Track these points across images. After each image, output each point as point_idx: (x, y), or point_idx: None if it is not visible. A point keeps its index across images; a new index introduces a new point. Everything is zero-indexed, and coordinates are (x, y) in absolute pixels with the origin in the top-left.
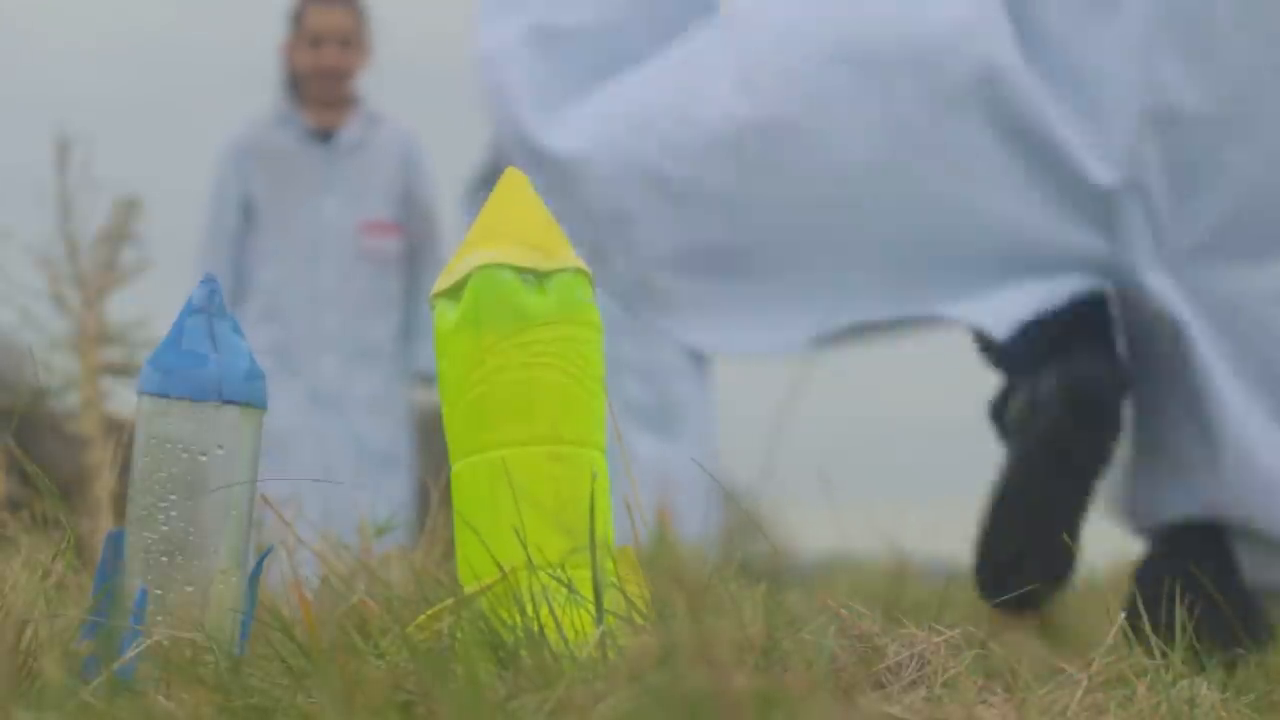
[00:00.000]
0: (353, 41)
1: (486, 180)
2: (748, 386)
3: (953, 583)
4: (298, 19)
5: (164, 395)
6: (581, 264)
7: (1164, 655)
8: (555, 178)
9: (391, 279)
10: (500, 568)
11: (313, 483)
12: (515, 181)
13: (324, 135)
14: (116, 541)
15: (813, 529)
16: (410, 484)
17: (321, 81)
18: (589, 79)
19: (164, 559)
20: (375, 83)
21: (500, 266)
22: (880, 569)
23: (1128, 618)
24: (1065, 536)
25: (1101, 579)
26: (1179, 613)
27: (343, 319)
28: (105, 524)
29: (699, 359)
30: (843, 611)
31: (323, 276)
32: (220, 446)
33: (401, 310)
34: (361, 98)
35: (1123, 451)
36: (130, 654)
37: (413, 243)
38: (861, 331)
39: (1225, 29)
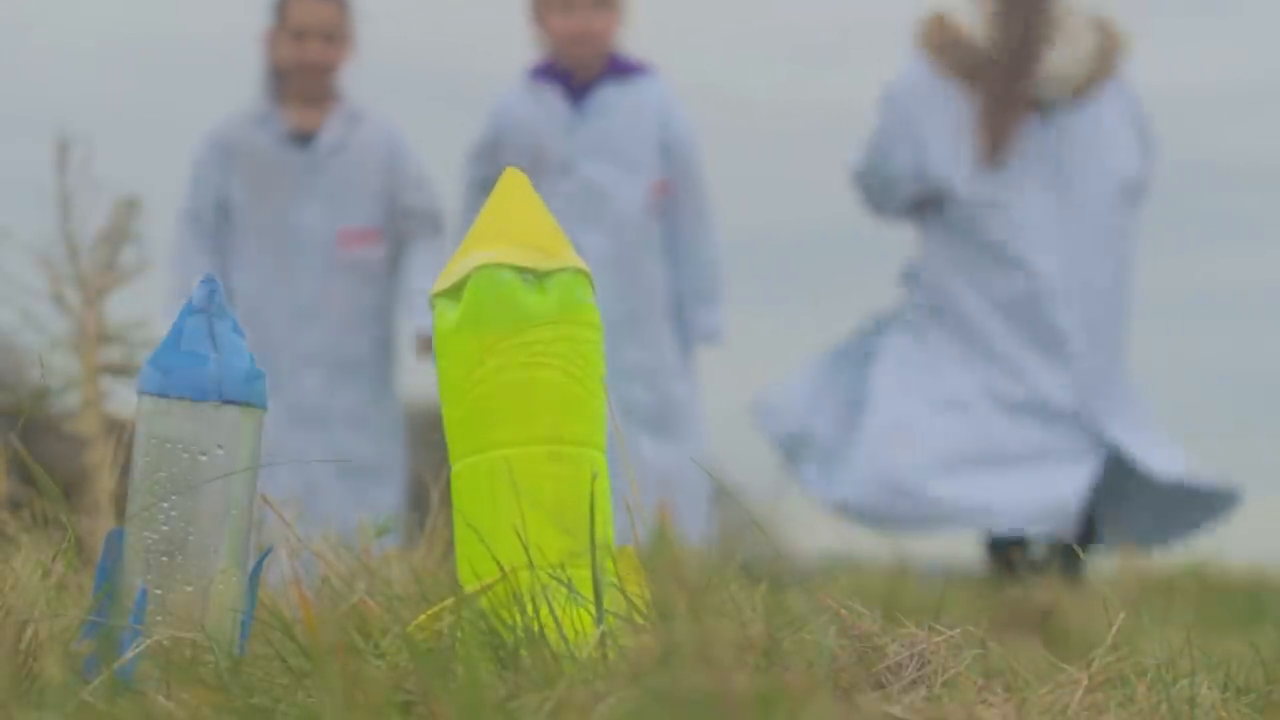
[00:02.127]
0: (337, 35)
1: (483, 153)
2: (747, 389)
3: (953, 583)
4: (280, 10)
5: (164, 395)
6: (581, 264)
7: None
8: None
9: (372, 289)
10: (500, 567)
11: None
12: (515, 181)
13: (303, 137)
14: (116, 541)
15: (813, 529)
16: (401, 493)
17: (304, 76)
18: None
19: (164, 559)
20: (367, 82)
21: (500, 266)
22: (880, 569)
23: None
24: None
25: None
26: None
27: (323, 333)
28: (105, 524)
29: (693, 360)
30: (843, 611)
31: (302, 289)
32: (220, 446)
33: (382, 322)
34: (342, 93)
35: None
36: (130, 654)
37: (403, 240)
38: None
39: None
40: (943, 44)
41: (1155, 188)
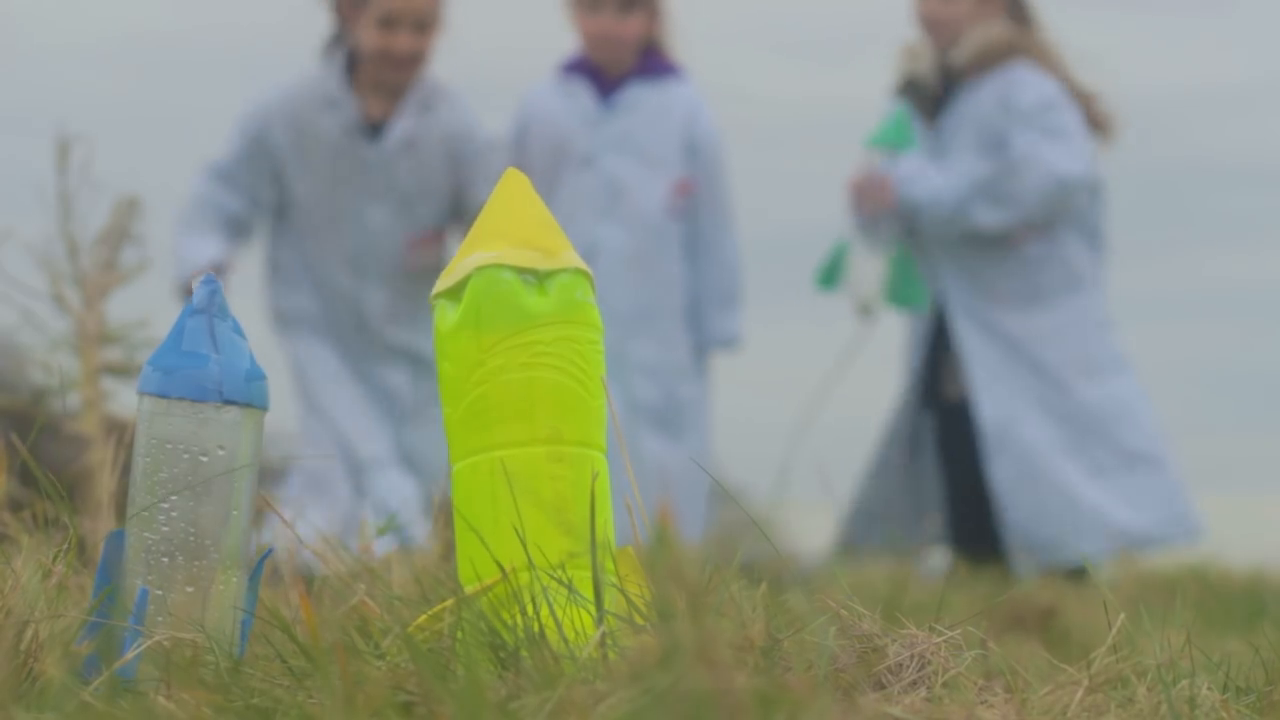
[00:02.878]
0: (429, 22)
1: (512, 145)
2: (747, 389)
3: (953, 583)
4: None
5: (164, 396)
6: (581, 264)
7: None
8: None
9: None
10: (501, 568)
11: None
12: (515, 181)
13: (374, 128)
14: (117, 542)
15: (813, 529)
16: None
17: (389, 68)
18: None
19: (164, 559)
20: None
21: (500, 267)
22: (880, 569)
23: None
24: None
25: (1101, 580)
26: None
27: (393, 334)
28: (106, 524)
29: (703, 360)
30: (843, 612)
31: (370, 299)
32: (220, 447)
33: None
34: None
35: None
36: (131, 654)
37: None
38: None
39: None
40: (1056, 68)
41: (1154, 187)
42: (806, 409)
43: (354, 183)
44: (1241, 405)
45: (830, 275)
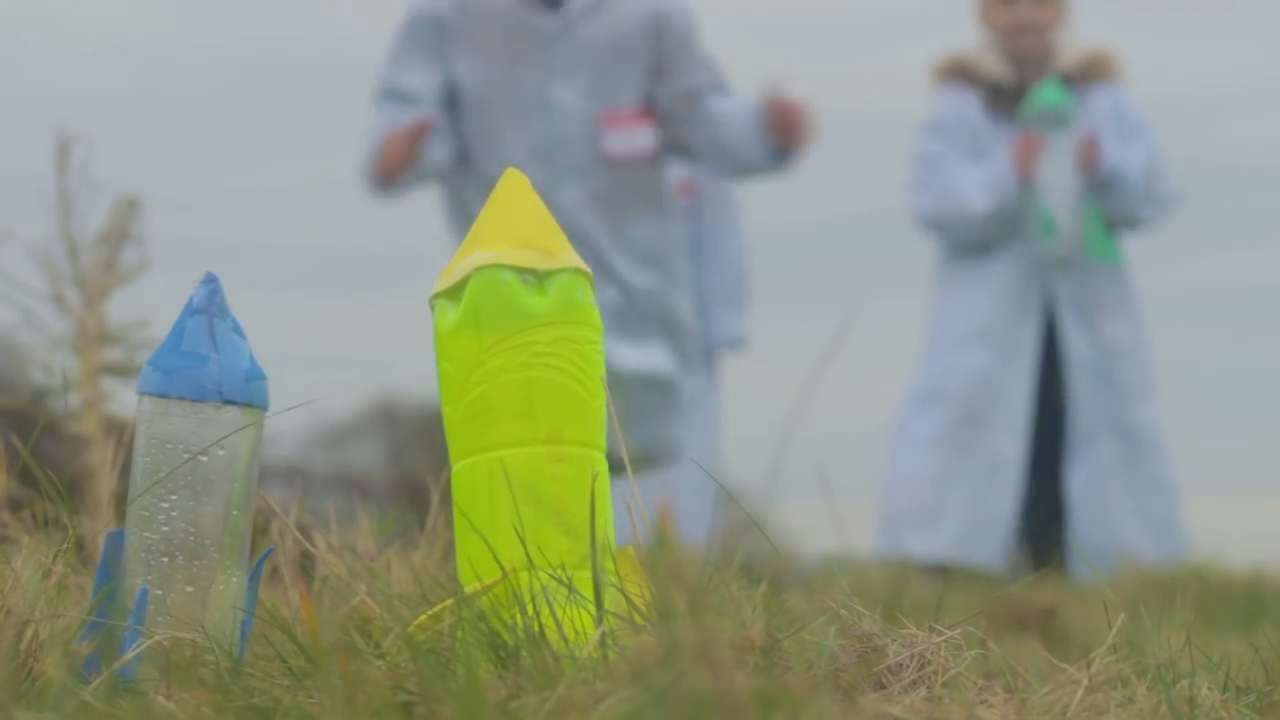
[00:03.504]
0: None
1: None
2: (750, 388)
3: (952, 583)
4: None
5: (164, 395)
6: (581, 264)
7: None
8: None
9: (646, 177)
10: (501, 568)
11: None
12: (515, 181)
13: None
14: (117, 541)
15: (813, 529)
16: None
17: None
18: None
19: (164, 559)
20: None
21: (500, 267)
22: (880, 569)
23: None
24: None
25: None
26: None
27: (594, 239)
28: (106, 524)
29: (709, 357)
30: (843, 612)
31: (564, 193)
32: (220, 447)
33: (663, 211)
34: None
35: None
36: (131, 654)
37: (678, 130)
38: None
39: None
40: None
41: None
42: (792, 408)
43: (534, 61)
44: (1241, 405)
45: (1047, 226)
